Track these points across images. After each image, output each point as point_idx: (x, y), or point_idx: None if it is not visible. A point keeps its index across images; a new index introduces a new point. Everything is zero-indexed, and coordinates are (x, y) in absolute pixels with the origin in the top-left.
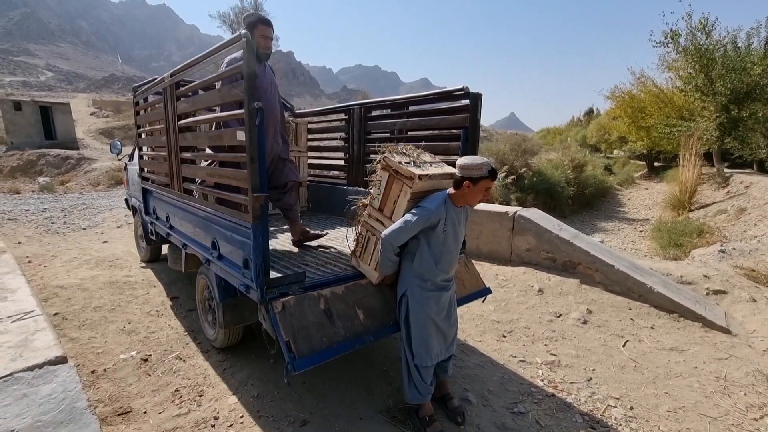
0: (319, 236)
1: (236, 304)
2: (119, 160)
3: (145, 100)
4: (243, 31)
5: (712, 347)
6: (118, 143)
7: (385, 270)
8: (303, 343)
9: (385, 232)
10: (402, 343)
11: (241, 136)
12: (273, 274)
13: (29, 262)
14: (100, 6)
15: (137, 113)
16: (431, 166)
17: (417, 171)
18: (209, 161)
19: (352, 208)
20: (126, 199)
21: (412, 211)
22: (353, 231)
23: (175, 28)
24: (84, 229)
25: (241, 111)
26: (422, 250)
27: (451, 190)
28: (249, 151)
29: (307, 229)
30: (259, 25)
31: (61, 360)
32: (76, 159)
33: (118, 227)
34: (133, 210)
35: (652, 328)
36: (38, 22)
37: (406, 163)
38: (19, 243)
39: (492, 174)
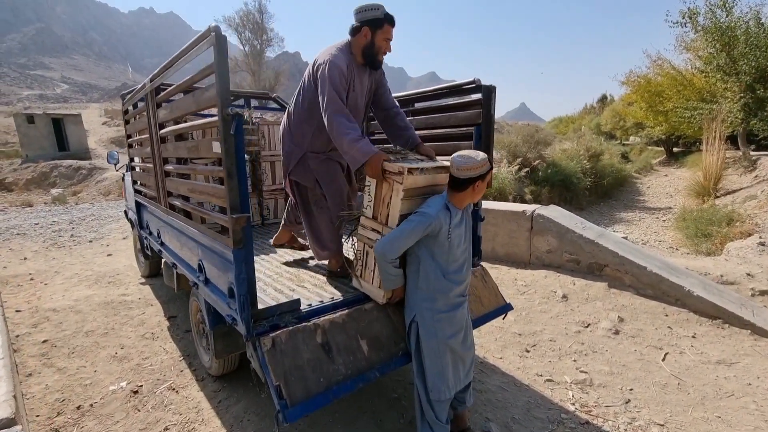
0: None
1: (228, 331)
2: (117, 170)
3: (135, 107)
4: (213, 25)
5: (765, 359)
6: (115, 153)
7: (388, 285)
8: (296, 386)
9: (378, 243)
10: (414, 376)
11: (216, 147)
12: (265, 301)
13: (31, 279)
14: (111, 17)
15: (127, 122)
16: (421, 161)
17: (406, 165)
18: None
19: (341, 221)
20: (125, 211)
21: (410, 217)
22: (350, 246)
23: (184, 35)
24: (90, 241)
25: (215, 118)
26: (426, 264)
27: (448, 193)
28: (225, 165)
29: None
30: (385, 25)
31: (9, 423)
32: (88, 169)
33: (124, 238)
34: (132, 223)
35: (693, 337)
36: (52, 36)
37: (393, 160)
38: (25, 259)
39: (491, 164)
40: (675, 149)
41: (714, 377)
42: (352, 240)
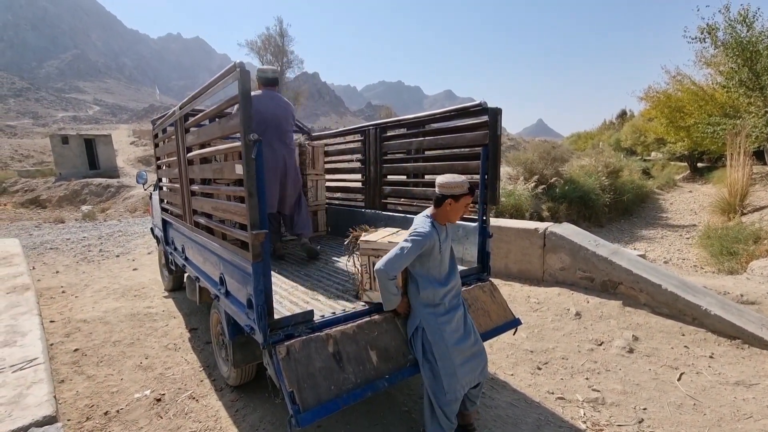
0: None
1: (246, 341)
2: (145, 189)
3: (164, 131)
4: (237, 62)
5: None
6: (144, 173)
7: (388, 305)
8: (309, 393)
9: (379, 263)
10: (424, 380)
11: (239, 169)
12: (281, 312)
13: (63, 292)
14: (141, 42)
15: (156, 145)
16: None
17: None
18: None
19: (345, 243)
20: (152, 228)
21: (406, 238)
22: (355, 264)
23: (209, 58)
24: (117, 256)
25: (239, 144)
26: (423, 279)
27: (431, 211)
28: (247, 186)
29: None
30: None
31: (50, 420)
32: (116, 187)
33: (149, 253)
34: (157, 239)
35: (711, 357)
36: (87, 62)
37: None
38: (57, 272)
39: (471, 191)
40: (699, 164)
41: (732, 398)
42: (354, 258)
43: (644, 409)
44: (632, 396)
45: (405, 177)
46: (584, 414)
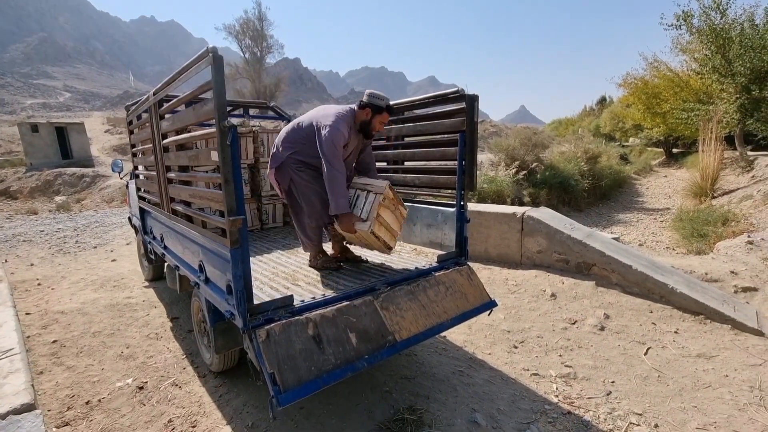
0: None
1: (228, 327)
2: (121, 178)
3: (138, 118)
4: (210, 46)
5: (743, 352)
6: (120, 162)
7: None
8: (289, 374)
9: None
10: None
11: (214, 156)
12: (260, 297)
13: (38, 284)
14: (113, 26)
15: (131, 132)
16: None
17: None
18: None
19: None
20: (129, 218)
21: None
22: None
23: (185, 43)
24: (95, 247)
25: (213, 130)
26: None
27: None
28: (223, 172)
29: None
30: (384, 113)
31: (28, 408)
32: (91, 177)
33: (128, 244)
34: (135, 229)
35: (676, 332)
36: (55, 46)
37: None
38: (32, 265)
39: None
40: (674, 150)
41: (693, 370)
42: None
43: (612, 382)
44: (602, 370)
45: (385, 164)
46: (557, 388)
